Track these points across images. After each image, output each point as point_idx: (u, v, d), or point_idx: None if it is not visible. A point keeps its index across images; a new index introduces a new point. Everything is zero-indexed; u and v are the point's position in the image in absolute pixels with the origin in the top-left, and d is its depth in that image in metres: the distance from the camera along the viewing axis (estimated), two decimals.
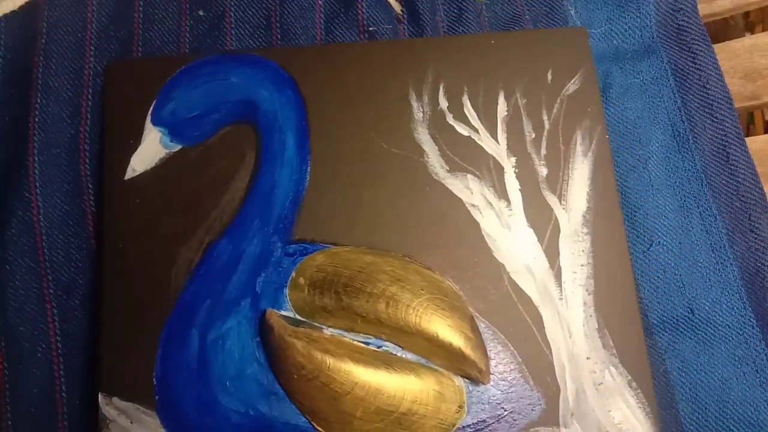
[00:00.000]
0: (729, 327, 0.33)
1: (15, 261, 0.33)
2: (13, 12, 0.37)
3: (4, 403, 0.31)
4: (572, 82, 0.36)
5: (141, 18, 0.37)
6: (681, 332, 0.33)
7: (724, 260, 0.34)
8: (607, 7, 0.38)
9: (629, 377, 0.32)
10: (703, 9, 0.38)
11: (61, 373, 0.32)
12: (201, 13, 0.37)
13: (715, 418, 0.32)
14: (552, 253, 0.34)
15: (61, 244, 0.34)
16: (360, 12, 0.37)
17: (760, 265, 0.34)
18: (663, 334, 0.33)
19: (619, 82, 0.38)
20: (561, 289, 0.33)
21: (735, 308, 0.34)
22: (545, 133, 0.36)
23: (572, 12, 0.39)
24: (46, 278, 0.33)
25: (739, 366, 0.33)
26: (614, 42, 0.38)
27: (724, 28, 0.63)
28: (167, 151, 0.34)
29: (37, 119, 0.35)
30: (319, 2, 0.37)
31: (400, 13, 0.37)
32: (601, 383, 0.32)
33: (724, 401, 0.32)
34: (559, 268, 0.33)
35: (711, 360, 0.33)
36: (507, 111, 0.36)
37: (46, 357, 0.32)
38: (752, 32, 0.62)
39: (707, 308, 0.34)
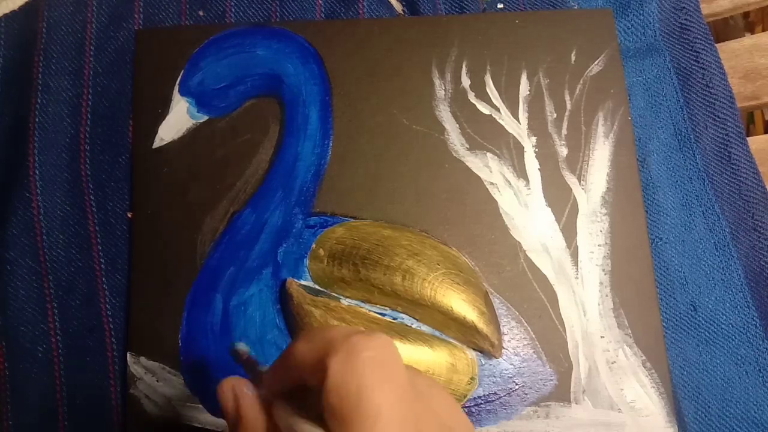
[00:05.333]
0: (732, 325, 0.33)
1: (15, 261, 0.33)
2: (13, 12, 0.37)
3: (5, 402, 0.32)
4: (596, 63, 0.36)
5: (141, 18, 0.37)
6: (684, 330, 0.33)
7: (728, 258, 0.34)
8: (611, 5, 0.38)
9: (643, 357, 0.32)
10: (703, 9, 0.38)
11: (61, 373, 0.32)
12: (201, 13, 0.37)
13: (718, 416, 0.32)
14: (569, 232, 0.34)
15: (61, 244, 0.34)
16: (361, 11, 0.37)
17: (764, 263, 0.34)
18: (665, 332, 0.33)
19: None
20: (577, 268, 0.33)
21: (738, 307, 0.33)
22: (567, 114, 0.36)
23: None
24: (46, 278, 0.33)
25: (742, 365, 0.33)
26: (618, 40, 0.37)
27: (724, 28, 0.61)
28: (194, 121, 0.35)
29: (37, 119, 0.35)
30: (320, 2, 0.37)
31: (402, 12, 0.37)
32: (615, 362, 0.32)
33: (727, 400, 0.32)
34: (576, 247, 0.34)
35: (713, 359, 0.33)
36: (529, 91, 0.36)
37: (46, 357, 0.32)
38: (752, 32, 0.61)
39: (710, 306, 0.33)
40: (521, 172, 0.35)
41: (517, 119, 0.36)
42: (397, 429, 0.18)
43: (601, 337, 0.32)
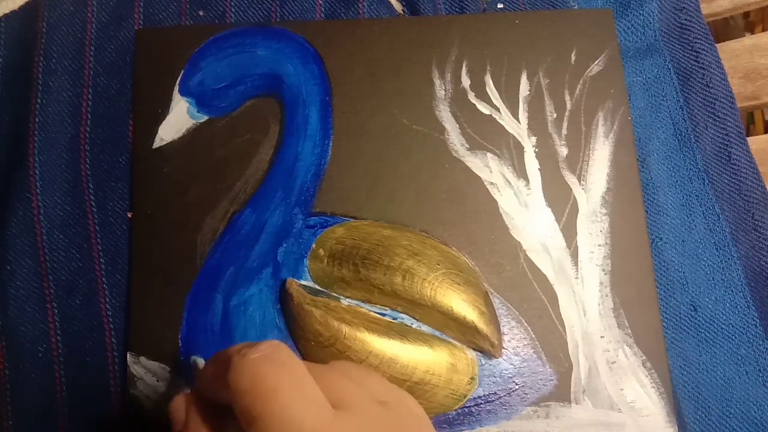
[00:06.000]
0: (732, 326, 0.33)
1: (15, 261, 0.33)
2: (13, 12, 0.37)
3: (5, 403, 0.32)
4: (596, 63, 0.36)
5: (141, 18, 0.37)
6: (684, 330, 0.33)
7: (728, 258, 0.34)
8: (611, 5, 0.38)
9: (643, 357, 0.32)
10: (703, 9, 0.38)
11: (61, 373, 0.32)
12: (201, 13, 0.37)
13: (718, 417, 0.32)
14: (569, 232, 0.34)
15: (62, 244, 0.34)
16: (361, 11, 0.37)
17: (764, 263, 0.34)
18: (665, 332, 0.33)
19: None
20: (577, 268, 0.33)
21: (738, 307, 0.33)
22: (567, 114, 0.36)
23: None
24: (46, 278, 0.33)
25: (742, 365, 0.33)
26: (618, 40, 0.37)
27: (724, 28, 0.62)
28: (194, 121, 0.35)
29: (37, 119, 0.35)
30: (320, 2, 0.37)
31: (402, 12, 0.37)
32: (615, 362, 0.32)
33: (727, 400, 0.32)
34: (576, 247, 0.34)
35: (713, 359, 0.33)
36: (529, 90, 0.36)
37: (46, 357, 0.32)
38: (752, 32, 0.61)
39: (710, 306, 0.33)
40: (521, 172, 0.35)
41: (517, 119, 0.36)
42: (300, 403, 0.19)
43: (601, 337, 0.33)
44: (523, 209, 0.34)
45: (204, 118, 0.35)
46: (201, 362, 0.27)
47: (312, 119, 0.35)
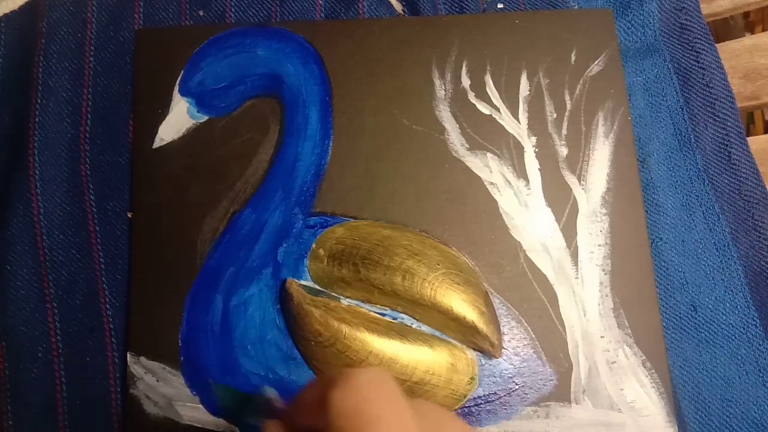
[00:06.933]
0: (732, 326, 0.33)
1: (15, 261, 0.33)
2: (13, 12, 0.37)
3: (5, 403, 0.32)
4: (596, 63, 0.36)
5: (141, 18, 0.37)
6: (684, 330, 0.33)
7: (728, 259, 0.34)
8: (611, 5, 0.38)
9: (643, 357, 0.32)
10: (703, 9, 0.38)
11: (61, 373, 0.32)
12: (201, 13, 0.37)
13: (718, 417, 0.32)
14: (569, 232, 0.34)
15: (61, 244, 0.34)
16: (361, 11, 0.37)
17: (764, 264, 0.34)
18: (665, 332, 0.33)
19: None
20: (577, 268, 0.33)
21: (738, 307, 0.33)
22: (567, 114, 0.36)
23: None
24: (46, 278, 0.33)
25: (742, 365, 0.33)
26: (618, 40, 0.37)
27: (724, 28, 0.62)
28: (194, 121, 0.35)
29: (37, 119, 0.35)
30: (320, 2, 0.37)
31: (402, 12, 0.37)
32: (615, 362, 0.32)
33: (727, 400, 0.32)
34: (576, 247, 0.34)
35: (713, 359, 0.33)
36: (529, 90, 0.36)
37: (46, 357, 0.32)
38: (752, 32, 0.61)
39: (710, 306, 0.33)
40: (521, 172, 0.35)
41: (517, 119, 0.36)
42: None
43: (601, 337, 0.33)
44: (523, 209, 0.34)
45: (204, 118, 0.35)
46: (272, 392, 0.28)
47: (312, 119, 0.35)
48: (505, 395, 0.32)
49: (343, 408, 0.19)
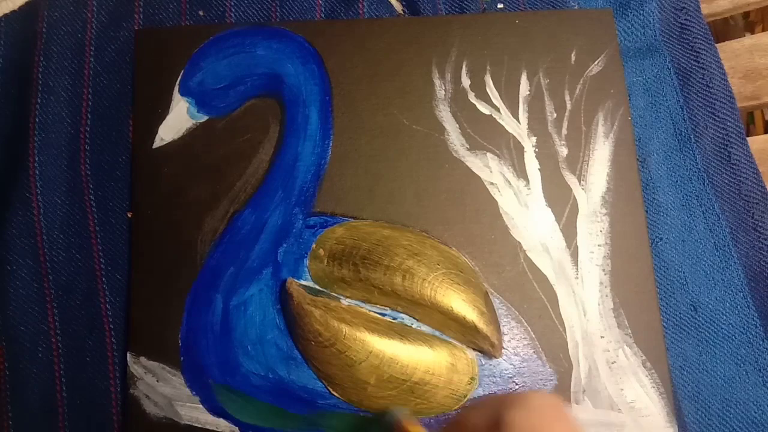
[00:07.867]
0: (732, 326, 0.33)
1: (15, 261, 0.33)
2: (13, 12, 0.37)
3: (5, 403, 0.32)
4: (596, 63, 0.36)
5: (141, 18, 0.37)
6: (684, 330, 0.33)
7: (728, 258, 0.34)
8: (611, 5, 0.38)
9: (643, 357, 0.32)
10: (703, 9, 0.38)
11: (61, 373, 0.32)
12: (201, 13, 0.37)
13: (718, 417, 0.32)
14: (569, 232, 0.34)
15: (61, 244, 0.34)
16: (361, 11, 0.37)
17: (764, 263, 0.34)
18: (665, 332, 0.33)
19: None
20: (577, 269, 0.33)
21: (738, 307, 0.33)
22: (567, 114, 0.36)
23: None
24: (46, 278, 0.33)
25: (742, 365, 0.33)
26: (617, 40, 0.37)
27: (724, 28, 0.62)
28: (194, 121, 0.35)
29: (37, 119, 0.35)
30: (320, 2, 0.37)
31: (402, 12, 0.37)
32: (615, 362, 0.32)
33: (727, 400, 0.32)
34: (576, 247, 0.34)
35: (713, 359, 0.33)
36: (529, 90, 0.36)
37: (46, 357, 0.32)
38: (752, 32, 0.61)
39: (710, 306, 0.33)
40: (521, 172, 0.35)
41: (517, 119, 0.36)
42: None
43: (601, 337, 0.33)
44: (524, 209, 0.34)
45: (204, 118, 0.35)
46: (402, 414, 0.28)
47: (312, 119, 0.35)
48: None
49: (522, 426, 0.20)
